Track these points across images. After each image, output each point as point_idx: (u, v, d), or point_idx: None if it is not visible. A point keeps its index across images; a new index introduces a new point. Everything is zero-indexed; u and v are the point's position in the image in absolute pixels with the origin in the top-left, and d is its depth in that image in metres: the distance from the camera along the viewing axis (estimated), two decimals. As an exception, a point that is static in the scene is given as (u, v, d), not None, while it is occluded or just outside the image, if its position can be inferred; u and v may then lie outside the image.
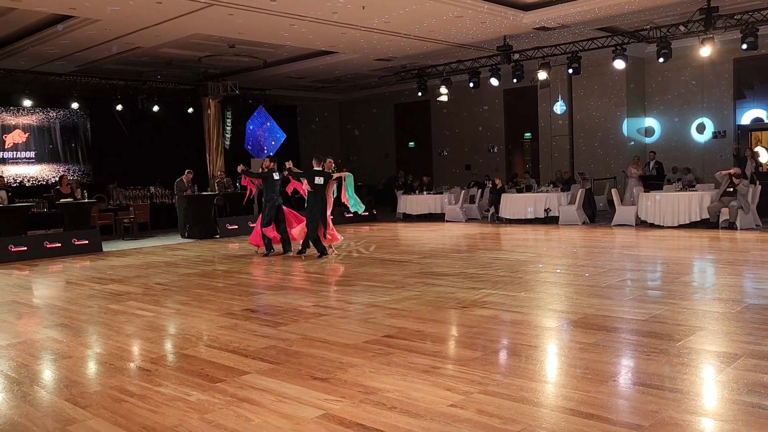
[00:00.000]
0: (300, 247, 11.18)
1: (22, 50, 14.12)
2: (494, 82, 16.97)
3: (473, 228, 15.21)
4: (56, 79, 16.39)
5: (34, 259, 12.10)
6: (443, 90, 18.25)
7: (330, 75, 19.70)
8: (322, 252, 10.80)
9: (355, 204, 11.18)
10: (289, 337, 5.52)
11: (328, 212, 10.87)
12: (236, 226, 15.18)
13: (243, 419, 3.68)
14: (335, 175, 10.90)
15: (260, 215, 11.40)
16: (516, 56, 16.16)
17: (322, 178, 10.66)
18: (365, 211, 13.49)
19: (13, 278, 10.23)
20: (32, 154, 17.81)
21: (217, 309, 6.89)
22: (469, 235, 13.84)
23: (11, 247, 11.96)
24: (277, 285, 8.89)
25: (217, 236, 14.96)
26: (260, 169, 11.66)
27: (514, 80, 16.60)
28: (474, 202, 17.59)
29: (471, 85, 17.50)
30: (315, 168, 10.71)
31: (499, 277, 8.12)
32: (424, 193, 18.42)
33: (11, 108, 17.17)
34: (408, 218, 18.23)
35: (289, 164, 10.97)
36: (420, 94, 18.81)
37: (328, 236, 10.91)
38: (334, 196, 11.09)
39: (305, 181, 10.75)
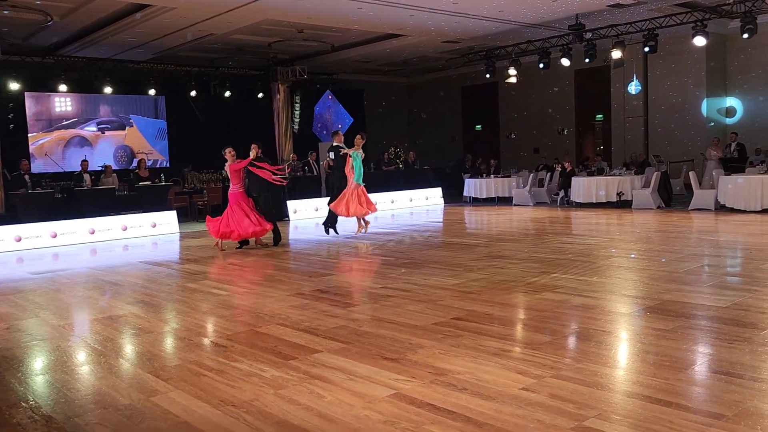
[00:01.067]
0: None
1: (102, 39, 14.71)
2: (565, 62, 16.51)
3: (542, 212, 14.94)
4: (134, 67, 17.02)
5: (115, 239, 12.69)
6: (512, 71, 17.91)
7: (397, 58, 19.65)
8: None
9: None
10: (359, 317, 5.60)
11: (350, 188, 10.97)
12: (305, 209, 15.47)
13: (316, 396, 3.77)
14: (342, 151, 11.06)
15: (232, 211, 10.20)
16: (588, 35, 15.66)
17: (332, 153, 11.12)
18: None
19: (98, 257, 10.76)
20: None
21: (287, 289, 7.04)
22: (538, 219, 13.61)
23: (93, 230, 12.59)
24: (346, 267, 9.00)
25: (287, 218, 15.26)
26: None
27: (586, 60, 16.11)
28: (543, 186, 17.26)
29: (541, 65, 17.10)
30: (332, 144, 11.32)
31: (570, 261, 7.96)
32: (492, 176, 18.20)
33: (92, 94, 17.93)
34: (475, 202, 18.10)
35: (255, 151, 10.29)
36: (488, 75, 18.53)
37: (356, 210, 11.00)
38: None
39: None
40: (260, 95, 19.29)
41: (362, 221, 11.31)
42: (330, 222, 11.48)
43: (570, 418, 3.26)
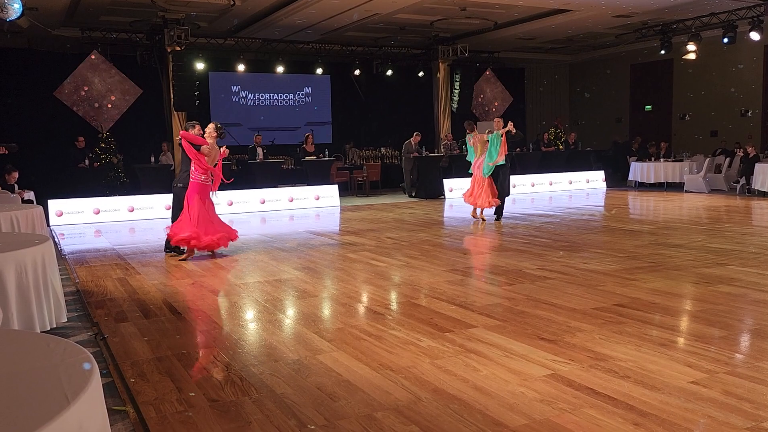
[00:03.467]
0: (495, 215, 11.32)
1: (277, 21, 15.59)
2: (755, 36, 14.92)
3: (718, 200, 13.76)
4: (304, 47, 17.89)
5: (283, 209, 13.55)
6: (690, 47, 16.52)
7: (561, 35, 18.87)
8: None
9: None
10: (515, 296, 5.55)
11: (478, 173, 11.23)
12: (461, 188, 15.48)
13: (471, 369, 3.81)
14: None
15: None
16: (785, 5, 14.04)
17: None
18: None
19: (267, 225, 11.56)
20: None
21: (443, 265, 7.13)
22: (714, 207, 12.55)
23: (263, 200, 13.54)
24: (501, 246, 8.92)
25: (442, 197, 15.39)
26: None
27: (781, 33, 14.46)
28: (720, 172, 15.86)
29: (725, 40, 15.60)
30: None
31: (750, 254, 7.28)
32: (661, 160, 17.03)
33: (266, 74, 19.14)
34: (641, 187, 17.08)
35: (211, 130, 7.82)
36: (663, 52, 17.26)
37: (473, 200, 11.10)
38: (491, 159, 11.02)
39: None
40: (421, 74, 19.49)
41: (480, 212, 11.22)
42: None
43: (746, 418, 3.03)
